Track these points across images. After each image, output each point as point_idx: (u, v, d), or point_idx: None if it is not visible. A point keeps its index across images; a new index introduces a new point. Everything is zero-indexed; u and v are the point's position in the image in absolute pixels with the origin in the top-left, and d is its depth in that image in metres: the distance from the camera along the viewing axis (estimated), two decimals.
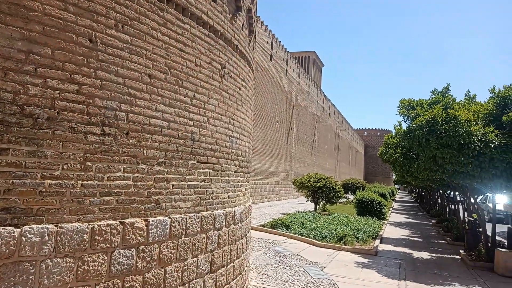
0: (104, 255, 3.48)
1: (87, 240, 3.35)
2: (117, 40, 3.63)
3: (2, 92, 2.88)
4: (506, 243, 10.52)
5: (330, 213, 18.10)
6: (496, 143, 8.93)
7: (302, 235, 12.18)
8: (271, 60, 27.87)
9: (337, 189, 19.57)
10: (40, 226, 3.05)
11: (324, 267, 8.69)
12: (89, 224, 3.37)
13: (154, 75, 4.00)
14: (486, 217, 18.81)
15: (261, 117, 25.80)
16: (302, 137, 37.29)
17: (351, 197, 30.24)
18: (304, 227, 13.07)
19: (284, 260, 8.98)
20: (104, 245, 3.47)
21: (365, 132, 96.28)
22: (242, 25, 5.96)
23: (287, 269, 8.16)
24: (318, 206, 19.97)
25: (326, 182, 19.28)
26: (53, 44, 3.18)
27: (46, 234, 3.07)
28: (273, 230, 12.99)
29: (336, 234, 11.97)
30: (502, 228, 15.76)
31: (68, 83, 3.27)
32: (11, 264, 2.88)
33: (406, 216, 25.18)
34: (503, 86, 9.98)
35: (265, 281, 7.13)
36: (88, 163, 3.38)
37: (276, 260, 8.91)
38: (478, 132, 9.05)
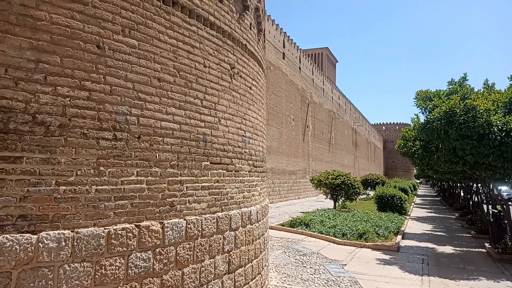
0: (121, 259, 3.51)
1: (104, 244, 3.38)
2: (125, 45, 3.66)
3: (13, 101, 2.94)
4: None
5: (350, 210, 17.91)
6: None
7: (321, 233, 12.08)
8: (283, 58, 27.78)
9: (356, 186, 19.34)
10: (57, 232, 3.09)
11: (345, 265, 8.59)
12: (105, 228, 3.40)
13: (163, 78, 4.02)
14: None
15: (276, 116, 25.74)
16: (319, 134, 37.03)
17: (371, 193, 29.85)
18: (323, 225, 12.96)
19: (304, 259, 8.91)
20: (120, 248, 3.50)
21: (383, 127, 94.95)
22: (250, 24, 5.94)
23: (307, 268, 8.10)
24: (337, 203, 19.79)
25: (344, 178, 19.09)
26: (61, 52, 3.22)
27: (62, 240, 3.12)
28: (293, 229, 12.92)
29: (356, 231, 11.82)
30: None
31: (78, 90, 3.31)
32: (30, 270, 2.94)
33: (429, 210, 24.70)
34: None
35: (285, 280, 7.09)
36: (102, 168, 3.42)
37: (295, 259, 8.85)
38: (498, 122, 8.78)
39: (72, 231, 3.18)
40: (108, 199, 3.45)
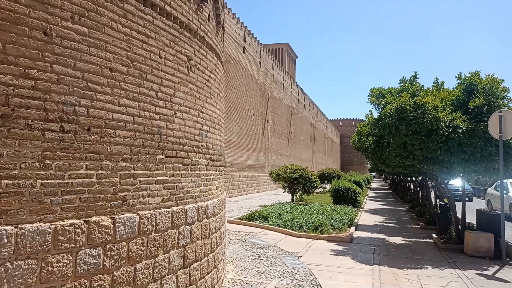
0: (69, 255, 3.37)
1: (50, 240, 3.23)
2: (74, 33, 3.49)
3: None
4: (475, 225, 10.92)
5: (307, 203, 18.30)
6: (464, 128, 9.20)
7: (279, 226, 12.26)
8: (244, 52, 27.73)
9: (313, 179, 19.77)
10: None
11: (301, 257, 8.78)
12: (51, 224, 3.25)
13: (115, 68, 3.88)
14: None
15: (236, 110, 25.71)
16: (278, 129, 37.44)
17: (328, 186, 30.66)
18: (281, 218, 13.15)
19: (261, 252, 9.01)
20: (68, 245, 3.37)
21: (340, 123, 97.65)
22: (208, 16, 5.87)
23: (264, 260, 8.20)
24: (295, 197, 20.15)
25: (302, 173, 19.44)
26: (4, 38, 3.02)
27: (4, 236, 2.94)
28: (251, 222, 13.02)
29: (312, 223, 12.10)
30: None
31: (23, 78, 3.12)
32: None
33: (381, 203, 25.74)
34: (469, 73, 10.25)
35: (241, 273, 7.14)
36: (47, 161, 3.26)
37: (253, 252, 8.93)
38: (445, 118, 9.28)
39: (15, 227, 3.01)
40: (55, 194, 3.30)
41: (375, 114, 11.67)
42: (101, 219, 3.65)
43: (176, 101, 4.82)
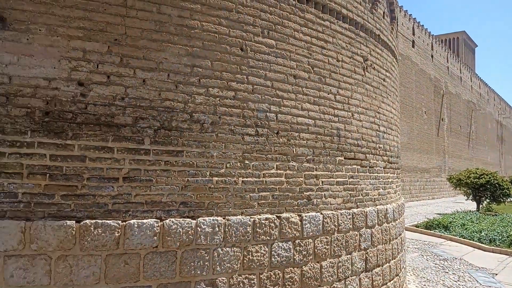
0: (265, 247, 3.73)
1: (250, 232, 3.64)
2: (264, 46, 3.87)
3: (174, 102, 3.37)
4: None
5: (497, 214, 15.74)
6: None
7: (463, 238, 10.90)
8: (413, 46, 25.84)
9: (505, 186, 16.90)
10: (211, 218, 3.45)
11: (496, 274, 7.59)
12: (250, 217, 3.66)
13: (298, 75, 4.13)
14: None
15: (406, 109, 24.10)
16: (456, 128, 33.43)
17: None
18: (465, 229, 11.67)
19: (445, 264, 8.16)
20: (264, 237, 3.73)
21: None
22: (383, 13, 5.69)
23: (450, 274, 7.40)
24: (481, 206, 17.60)
25: (490, 178, 16.86)
26: (211, 56, 3.57)
27: (216, 226, 3.45)
28: (429, 231, 11.96)
29: (508, 237, 10.34)
30: None
31: (226, 90, 3.62)
32: (190, 251, 3.34)
33: None
34: None
35: (424, 285, 6.61)
36: (246, 162, 3.69)
37: (435, 263, 8.17)
38: None
39: (223, 218, 3.50)
40: (253, 190, 3.70)
41: None
42: (290, 215, 3.92)
43: (353, 103, 4.82)
